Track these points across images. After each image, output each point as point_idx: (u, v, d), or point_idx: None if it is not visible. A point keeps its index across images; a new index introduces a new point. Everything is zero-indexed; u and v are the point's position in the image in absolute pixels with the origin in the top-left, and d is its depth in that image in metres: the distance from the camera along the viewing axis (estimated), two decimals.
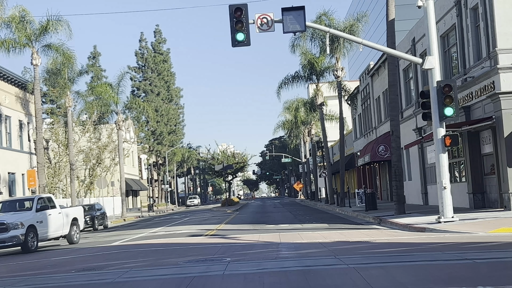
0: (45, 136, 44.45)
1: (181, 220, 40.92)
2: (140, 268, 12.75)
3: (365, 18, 41.83)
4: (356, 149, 56.40)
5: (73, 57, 40.61)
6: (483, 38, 24.20)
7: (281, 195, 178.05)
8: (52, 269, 14.28)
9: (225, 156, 66.45)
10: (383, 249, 13.83)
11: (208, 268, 11.81)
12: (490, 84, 23.37)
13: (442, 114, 19.30)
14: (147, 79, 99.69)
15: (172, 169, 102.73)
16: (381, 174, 47.06)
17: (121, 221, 49.76)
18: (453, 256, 11.38)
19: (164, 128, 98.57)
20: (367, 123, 50.07)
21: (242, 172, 74.16)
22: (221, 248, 16.35)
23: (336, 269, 10.58)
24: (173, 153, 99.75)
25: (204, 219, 38.77)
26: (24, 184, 44.63)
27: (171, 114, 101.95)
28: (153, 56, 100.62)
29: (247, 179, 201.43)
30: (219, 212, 52.54)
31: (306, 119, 64.43)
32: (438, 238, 15.67)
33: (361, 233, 19.06)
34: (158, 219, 47.59)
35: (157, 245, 19.20)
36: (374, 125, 46.16)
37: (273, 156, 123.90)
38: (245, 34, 19.65)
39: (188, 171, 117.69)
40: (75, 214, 25.67)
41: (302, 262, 11.82)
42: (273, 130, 66.54)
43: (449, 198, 19.53)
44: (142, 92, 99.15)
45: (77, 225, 25.31)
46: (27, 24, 37.45)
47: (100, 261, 15.03)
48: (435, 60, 20.02)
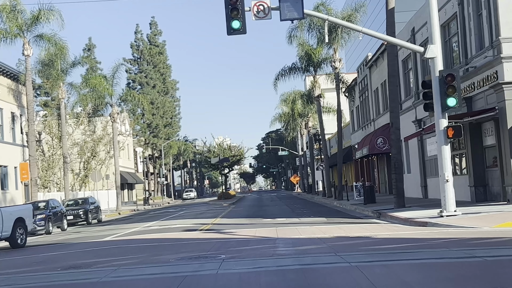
0: (37, 129, 43.69)
1: (176, 213, 40.27)
2: (129, 266, 12.07)
3: (363, 9, 41.11)
4: (353, 142, 55.79)
5: (66, 48, 39.84)
6: (486, 27, 23.52)
7: (277, 188, 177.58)
8: (38, 266, 13.63)
9: (221, 149, 65.66)
10: (385, 245, 13.19)
11: (201, 267, 11.15)
12: (493, 74, 22.71)
13: (445, 105, 18.64)
14: (142, 71, 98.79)
15: (168, 162, 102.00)
16: (379, 167, 46.46)
17: (116, 214, 49.10)
18: (461, 254, 10.74)
19: (160, 120, 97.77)
20: (365, 115, 49.43)
21: (238, 165, 73.56)
22: (215, 244, 15.70)
23: (337, 268, 9.92)
24: (169, 146, 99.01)
25: (200, 213, 38.13)
26: (17, 177, 43.89)
27: (167, 106, 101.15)
28: (149, 48, 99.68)
29: (244, 172, 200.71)
30: (215, 205, 51.91)
31: (303, 111, 63.75)
32: (441, 233, 15.05)
33: (361, 228, 18.43)
34: (153, 212, 46.95)
35: (150, 241, 18.54)
36: (372, 117, 45.51)
37: (269, 149, 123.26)
38: (241, 21, 18.96)
39: (184, 164, 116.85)
40: (21, 214, 22.78)
41: (301, 260, 11.17)
42: (270, 123, 66.01)
43: (451, 191, 18.90)
44: (137, 85, 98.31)
45: (23, 226, 22.39)
46: (18, 14, 36.63)
47: (89, 258, 14.37)
48: (437, 48, 19.34)
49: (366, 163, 50.79)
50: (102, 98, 53.63)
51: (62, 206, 34.56)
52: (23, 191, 44.45)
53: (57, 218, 31.91)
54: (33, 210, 25.06)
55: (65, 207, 36.68)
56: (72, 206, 37.62)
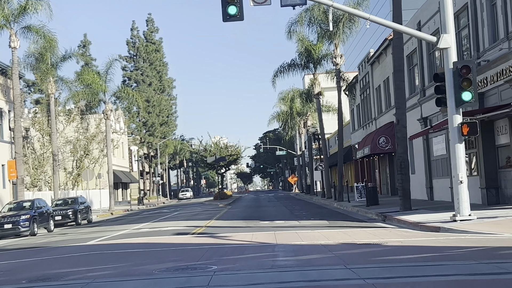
0: (24, 125, 41.93)
1: (170, 214, 38.62)
2: (105, 279, 10.41)
3: (366, 2, 39.45)
4: (353, 142, 54.20)
5: (55, 40, 38.11)
6: (501, 17, 21.92)
7: (275, 189, 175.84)
8: (2, 277, 11.94)
9: (217, 148, 63.97)
10: (400, 255, 11.56)
11: (188, 281, 9.51)
12: (508, 68, 21.11)
13: (459, 99, 17.04)
14: (138, 68, 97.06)
15: (164, 161, 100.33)
16: (380, 167, 44.84)
17: (108, 215, 47.50)
18: (493, 268, 9.11)
19: (156, 119, 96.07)
20: (366, 114, 47.82)
21: (235, 165, 71.93)
22: (207, 251, 14.06)
23: (351, 287, 8.29)
24: (165, 145, 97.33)
25: (194, 214, 36.48)
26: (5, 176, 42.19)
27: (163, 105, 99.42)
28: (145, 46, 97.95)
29: (241, 172, 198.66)
30: (211, 206, 50.22)
31: (302, 110, 62.14)
32: (460, 241, 13.44)
33: (368, 233, 16.81)
34: (146, 213, 45.28)
35: (136, 246, 16.88)
36: (374, 115, 43.89)
37: (267, 148, 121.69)
38: (237, 7, 17.36)
39: (180, 163, 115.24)
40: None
41: (306, 274, 9.52)
42: (268, 122, 64.48)
43: (466, 193, 17.32)
44: (133, 82, 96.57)
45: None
46: (5, 4, 34.88)
47: (63, 267, 12.72)
48: (451, 38, 17.77)
49: (367, 163, 49.19)
50: (95, 95, 51.94)
51: (48, 206, 32.85)
52: (11, 189, 42.72)
53: (43, 218, 30.20)
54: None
55: (53, 207, 35.05)
56: (61, 206, 35.95)
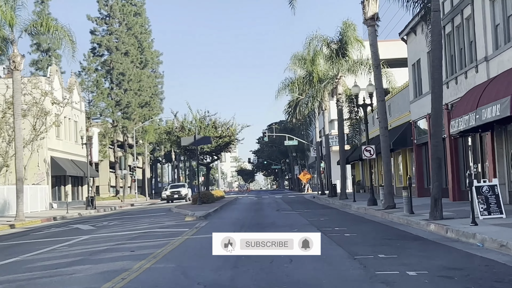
0: None
1: (78, 238, 18.30)
2: None
3: None
4: (417, 115, 33.82)
5: None
6: None
7: (279, 188, 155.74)
8: None
9: (202, 126, 42.82)
10: None
11: None
12: None
13: None
14: (112, 33, 76.69)
15: (143, 151, 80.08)
16: (496, 150, 23.79)
17: (6, 227, 27.66)
18: None
19: (133, 97, 75.74)
20: (460, 57, 27.07)
21: (228, 152, 50.93)
22: None
23: None
24: (144, 131, 77.07)
25: (116, 244, 16.13)
26: None
27: (145, 81, 79.10)
28: (122, 5, 77.57)
29: (242, 169, 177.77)
30: (174, 217, 28.77)
31: (327, 73, 41.65)
32: None
33: None
34: (54, 229, 24.94)
35: None
36: (485, 54, 23.12)
37: (273, 140, 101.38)
38: None
39: (168, 154, 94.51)
40: None
41: None
42: (277, 93, 43.97)
43: None
44: (104, 50, 76.22)
45: None
46: None
47: None
48: None
49: (454, 145, 28.28)
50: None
51: None
52: None
53: None
54: None
55: None
56: None
